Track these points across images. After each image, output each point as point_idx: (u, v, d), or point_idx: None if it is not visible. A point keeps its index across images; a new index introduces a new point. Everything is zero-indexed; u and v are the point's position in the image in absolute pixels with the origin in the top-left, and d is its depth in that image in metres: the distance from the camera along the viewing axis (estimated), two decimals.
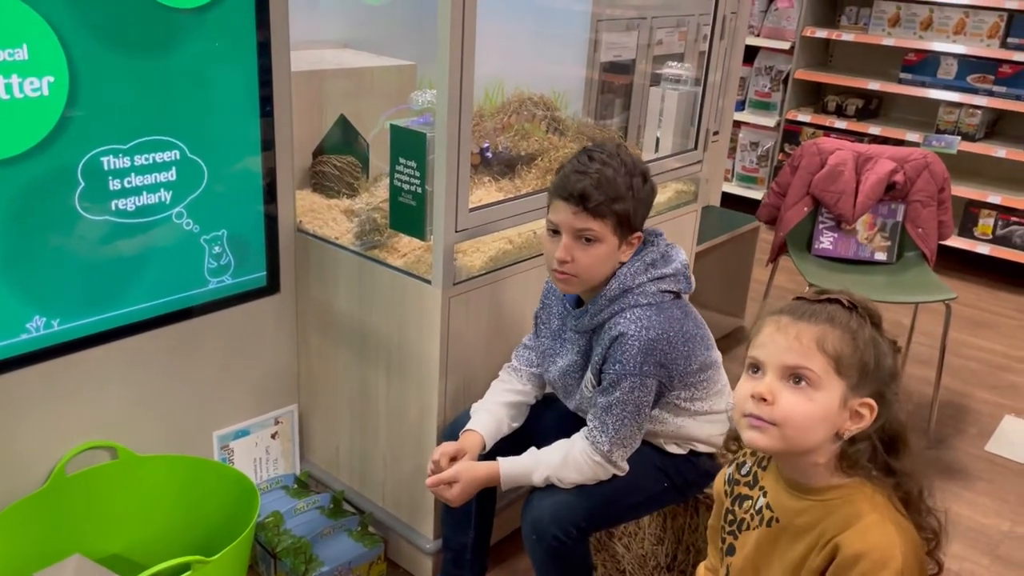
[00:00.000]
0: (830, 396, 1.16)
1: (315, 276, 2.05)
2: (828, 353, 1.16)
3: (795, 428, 1.17)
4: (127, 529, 1.84)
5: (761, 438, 1.19)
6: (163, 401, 1.91)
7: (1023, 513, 2.46)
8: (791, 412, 1.16)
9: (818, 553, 1.18)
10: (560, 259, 1.58)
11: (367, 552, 1.99)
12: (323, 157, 2.22)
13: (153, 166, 1.75)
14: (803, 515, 1.23)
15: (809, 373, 1.16)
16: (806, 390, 1.16)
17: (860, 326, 1.18)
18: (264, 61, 1.87)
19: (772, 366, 1.18)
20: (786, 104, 4.61)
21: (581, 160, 1.59)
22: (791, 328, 1.18)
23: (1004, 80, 4.01)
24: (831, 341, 1.16)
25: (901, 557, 1.13)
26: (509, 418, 1.78)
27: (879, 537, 1.15)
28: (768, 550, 1.27)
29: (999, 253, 4.09)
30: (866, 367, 1.17)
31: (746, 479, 1.35)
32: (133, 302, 1.80)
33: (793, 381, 1.17)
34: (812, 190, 2.94)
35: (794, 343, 1.17)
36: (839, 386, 1.16)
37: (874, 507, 1.18)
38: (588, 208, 1.55)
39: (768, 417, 1.17)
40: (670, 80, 2.49)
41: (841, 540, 1.16)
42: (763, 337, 1.21)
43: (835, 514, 1.19)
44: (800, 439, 1.18)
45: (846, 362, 1.16)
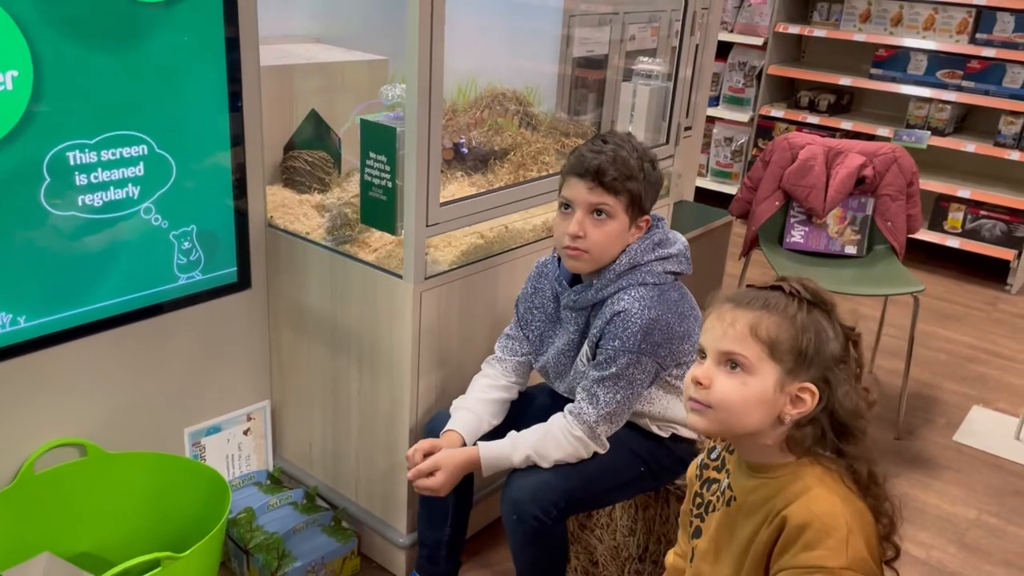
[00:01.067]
0: (764, 381, 1.18)
1: (286, 272, 2.05)
2: (761, 339, 1.18)
3: (728, 411, 1.20)
4: (97, 527, 1.82)
5: (700, 420, 1.23)
6: (133, 398, 1.90)
7: (990, 502, 2.50)
8: (724, 396, 1.20)
9: (767, 527, 1.21)
10: (573, 233, 1.62)
11: (340, 547, 1.99)
12: (294, 152, 2.21)
13: (120, 161, 1.73)
14: (755, 492, 1.25)
15: (742, 359, 1.19)
16: (740, 375, 1.19)
17: (798, 311, 1.20)
18: (233, 56, 1.86)
19: (711, 352, 1.22)
20: (759, 100, 4.64)
21: (595, 142, 1.66)
22: (728, 315, 1.21)
23: (973, 75, 4.06)
24: (764, 327, 1.18)
25: (845, 526, 1.15)
26: (490, 415, 1.79)
27: (823, 507, 1.17)
28: (726, 531, 1.30)
29: (968, 246, 4.15)
30: (803, 352, 1.18)
31: (715, 463, 1.38)
32: (102, 298, 1.78)
33: (729, 366, 1.20)
34: (783, 185, 2.97)
35: (729, 329, 1.20)
36: (773, 371, 1.18)
37: (821, 482, 1.20)
38: (603, 183, 1.60)
39: (704, 400, 1.21)
40: (642, 75, 2.50)
41: (788, 512, 1.18)
42: (706, 324, 1.25)
43: (784, 490, 1.21)
44: (735, 422, 1.21)
45: (781, 347, 1.18)
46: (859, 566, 1.14)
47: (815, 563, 1.14)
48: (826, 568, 1.13)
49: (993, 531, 2.38)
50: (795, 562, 1.15)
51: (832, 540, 1.14)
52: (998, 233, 4.11)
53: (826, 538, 1.14)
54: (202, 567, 1.65)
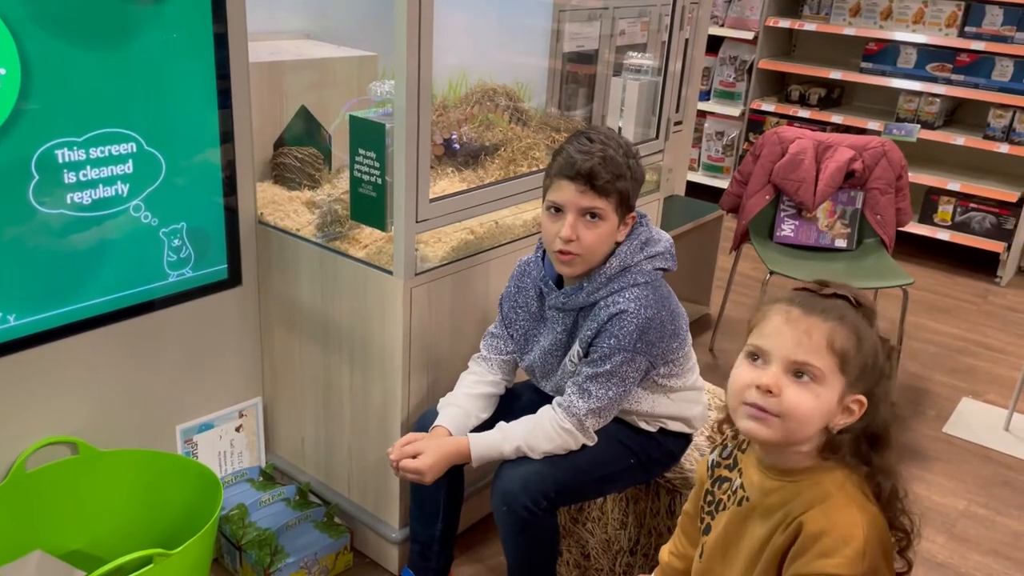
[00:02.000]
0: (831, 393, 1.17)
1: (277, 268, 2.05)
2: (836, 352, 1.16)
3: (797, 421, 1.18)
4: (89, 524, 1.82)
5: (762, 429, 1.19)
6: (125, 395, 1.90)
7: (979, 493, 2.52)
8: (796, 406, 1.17)
9: (782, 532, 1.20)
10: (566, 237, 1.61)
11: (333, 542, 1.99)
12: (284, 149, 2.21)
13: (109, 159, 1.73)
14: (773, 495, 1.24)
15: (815, 370, 1.16)
16: (810, 385, 1.17)
17: (866, 328, 1.19)
18: (222, 53, 1.86)
19: (778, 358, 1.18)
20: (750, 94, 4.65)
21: (581, 142, 1.63)
22: (802, 322, 1.18)
23: (962, 68, 4.08)
24: (840, 340, 1.17)
25: (863, 536, 1.15)
26: (477, 409, 1.79)
27: (842, 516, 1.17)
28: (736, 530, 1.29)
29: (958, 239, 4.17)
30: (866, 367, 1.18)
31: (727, 461, 1.37)
32: (92, 296, 1.78)
33: (796, 375, 1.18)
34: (773, 178, 2.98)
35: (804, 338, 1.17)
36: (840, 383, 1.17)
37: (841, 488, 1.20)
38: (595, 186, 1.59)
39: (773, 409, 1.18)
40: (631, 70, 2.51)
41: (805, 518, 1.17)
42: (770, 327, 1.20)
43: (803, 495, 1.20)
44: (799, 432, 1.19)
45: (851, 362, 1.17)
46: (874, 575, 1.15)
47: (831, 571, 1.14)
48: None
49: (982, 521, 2.40)
50: (810, 569, 1.15)
51: (849, 549, 1.14)
52: (988, 226, 4.13)
53: (843, 547, 1.14)
54: (194, 564, 1.65)
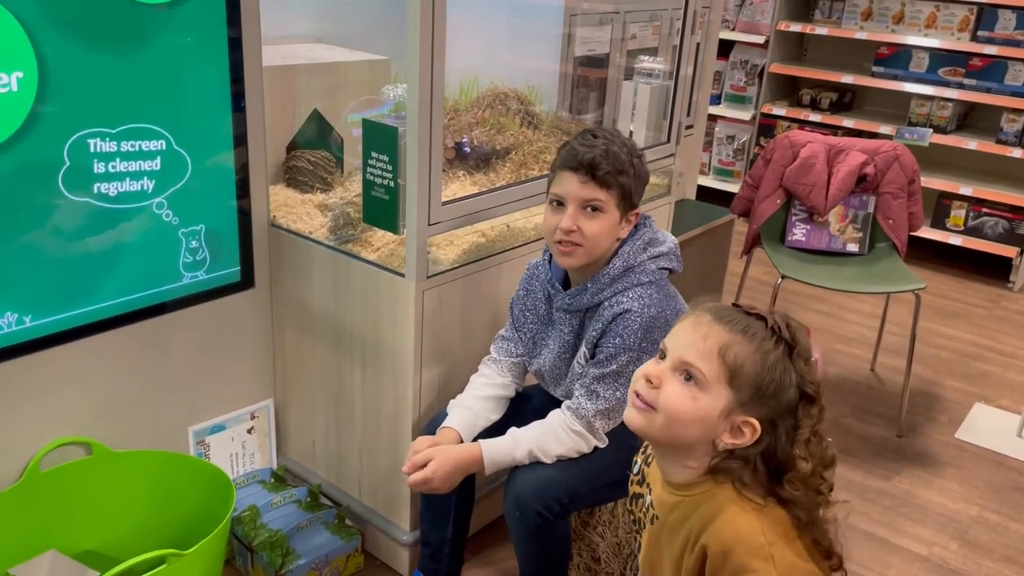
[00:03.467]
0: (713, 402, 1.16)
1: (289, 271, 2.06)
2: (727, 362, 1.15)
3: (669, 419, 1.17)
4: (102, 525, 1.84)
5: (638, 418, 1.20)
6: (138, 396, 1.91)
7: (991, 499, 2.51)
8: (670, 402, 1.17)
9: (690, 553, 1.19)
10: (566, 228, 1.62)
11: (344, 544, 2.00)
12: (296, 152, 2.22)
13: (139, 153, 1.74)
14: (675, 511, 1.24)
15: (699, 373, 1.16)
16: (692, 388, 1.16)
17: (773, 349, 1.16)
18: (235, 56, 1.87)
19: (672, 356, 1.19)
20: (761, 98, 4.64)
21: (585, 137, 1.65)
22: (704, 326, 1.18)
23: (975, 73, 4.06)
24: (734, 352, 1.15)
25: (765, 541, 1.14)
26: (487, 411, 1.80)
27: (739, 527, 1.15)
28: (653, 548, 1.29)
29: (970, 244, 4.15)
30: (762, 389, 1.15)
31: (637, 477, 1.37)
32: (107, 297, 1.80)
33: (684, 376, 1.17)
34: (785, 183, 2.98)
35: (699, 341, 1.17)
36: (726, 396, 1.15)
37: (732, 500, 1.18)
38: (596, 177, 1.61)
39: (650, 400, 1.18)
40: (643, 74, 2.51)
41: (705, 540, 1.16)
42: (678, 327, 1.22)
43: (698, 510, 1.19)
44: (672, 431, 1.18)
45: (743, 377, 1.15)
46: (792, 573, 1.14)
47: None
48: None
49: (995, 528, 2.39)
50: None
51: (757, 560, 1.13)
52: (1000, 231, 4.11)
53: (751, 559, 1.13)
54: (206, 564, 1.66)
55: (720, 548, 1.15)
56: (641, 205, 1.72)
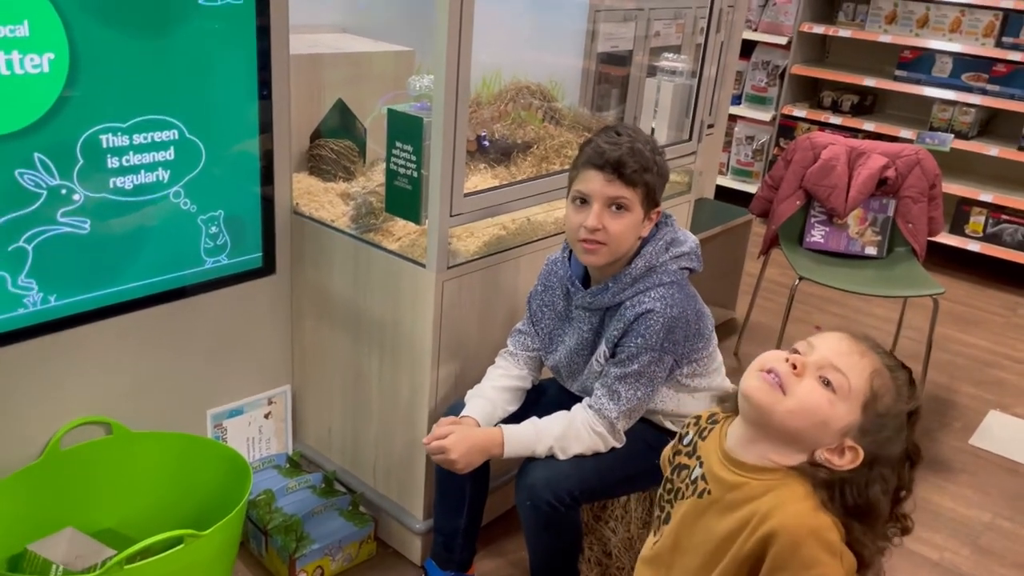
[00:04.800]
0: (843, 415, 1.17)
1: (310, 258, 2.07)
2: (872, 386, 1.17)
3: (799, 408, 1.17)
4: (120, 504, 1.86)
5: (765, 393, 1.19)
6: (158, 378, 1.93)
7: (1004, 505, 2.50)
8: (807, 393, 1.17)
9: (750, 536, 1.18)
10: (592, 226, 1.61)
11: (357, 531, 2.02)
12: (320, 141, 2.23)
13: (152, 145, 1.76)
14: (735, 490, 1.23)
15: (844, 382, 1.17)
16: (828, 391, 1.17)
17: (908, 400, 1.19)
18: (263, 44, 1.88)
19: (819, 354, 1.20)
20: (782, 99, 4.63)
21: (608, 135, 1.64)
22: (861, 345, 1.20)
23: (998, 79, 4.03)
24: (882, 380, 1.18)
25: (837, 538, 1.15)
26: (504, 402, 1.80)
27: (814, 521, 1.15)
28: (691, 521, 1.28)
29: (989, 251, 4.13)
30: (885, 428, 1.17)
31: (687, 448, 1.36)
32: (130, 280, 1.82)
33: (823, 382, 1.18)
34: (805, 184, 2.97)
35: (855, 355, 1.19)
36: (854, 416, 1.17)
37: (810, 496, 1.18)
38: (623, 176, 1.60)
39: (786, 382, 1.19)
40: (666, 72, 2.51)
41: (776, 527, 1.15)
42: (828, 336, 1.23)
43: (768, 495, 1.19)
44: (792, 421, 1.18)
45: (877, 407, 1.17)
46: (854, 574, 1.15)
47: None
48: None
49: (1007, 535, 2.38)
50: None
51: (828, 555, 1.14)
52: (1020, 238, 4.08)
53: (822, 553, 1.14)
54: (223, 546, 1.68)
55: (792, 538, 1.14)
56: (662, 203, 1.72)
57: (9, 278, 1.64)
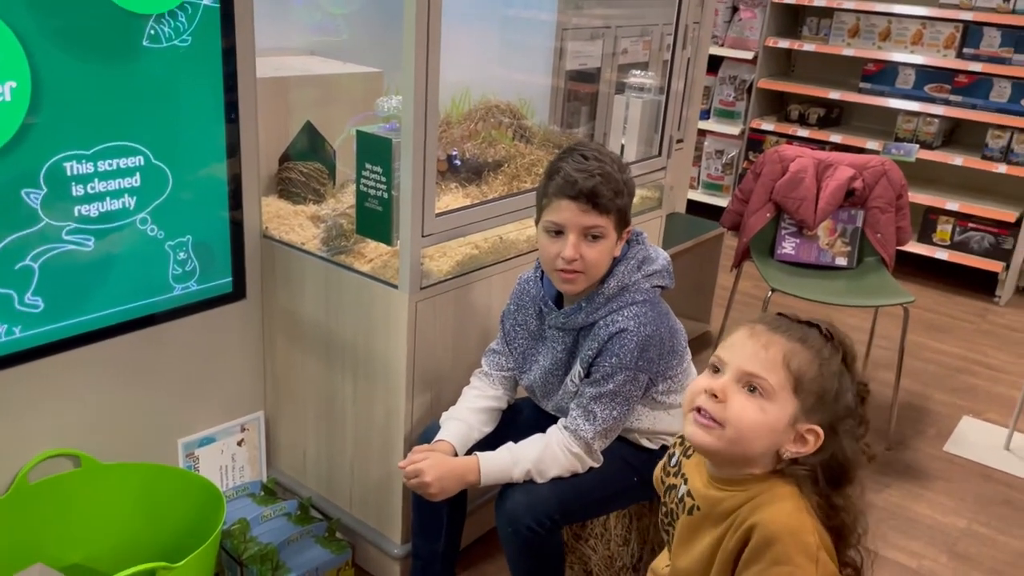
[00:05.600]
0: (780, 412, 1.16)
1: (281, 282, 2.05)
2: (791, 370, 1.16)
3: (738, 432, 1.17)
4: (91, 537, 1.82)
5: (704, 436, 1.19)
6: (127, 408, 1.90)
7: (980, 511, 2.52)
8: (740, 417, 1.17)
9: (733, 534, 1.18)
10: (570, 257, 1.60)
11: (335, 558, 1.99)
12: (289, 163, 2.22)
13: (117, 172, 1.74)
14: (724, 503, 1.23)
15: (765, 384, 1.16)
16: (758, 399, 1.17)
17: (831, 355, 1.18)
18: (229, 67, 1.87)
19: (732, 368, 1.19)
20: (750, 113, 4.68)
21: (576, 160, 1.61)
22: (762, 336, 1.19)
23: (960, 89, 4.11)
24: (798, 360, 1.16)
25: (815, 542, 1.14)
26: (480, 423, 1.79)
27: (794, 521, 1.15)
28: (688, 536, 1.28)
29: (957, 259, 4.19)
30: (824, 395, 1.17)
31: (673, 469, 1.37)
32: (97, 309, 1.78)
33: (748, 388, 1.18)
34: (774, 196, 3.00)
35: (761, 351, 1.17)
36: (792, 405, 1.17)
37: (791, 496, 1.18)
38: (598, 205, 1.59)
39: (716, 415, 1.18)
40: (634, 88, 2.53)
41: (757, 520, 1.16)
42: (732, 339, 1.22)
43: (752, 500, 1.19)
44: (741, 445, 1.18)
45: (807, 385, 1.16)
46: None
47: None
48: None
49: (983, 540, 2.40)
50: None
51: (801, 557, 1.13)
52: (986, 245, 4.15)
53: (796, 554, 1.13)
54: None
55: (767, 533, 1.14)
56: (633, 219, 1.73)
57: None
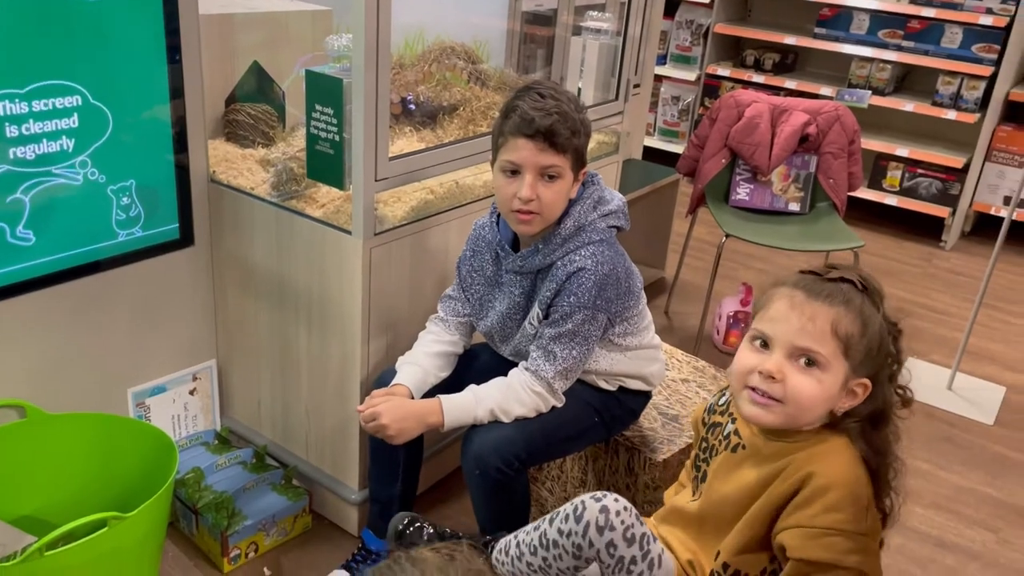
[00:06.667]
0: (835, 378, 1.18)
1: (230, 228, 2.00)
2: (840, 337, 1.17)
3: (800, 407, 1.18)
4: (40, 489, 1.78)
5: (765, 415, 1.20)
6: (74, 358, 1.85)
7: (922, 449, 2.60)
8: (799, 393, 1.18)
9: (785, 480, 1.20)
10: (526, 197, 1.58)
11: (292, 505, 1.98)
12: (236, 105, 2.15)
13: (53, 112, 1.66)
14: (772, 447, 1.25)
15: (819, 357, 1.17)
16: (815, 372, 1.18)
17: (872, 312, 1.19)
18: (171, 5, 1.79)
19: (782, 344, 1.19)
20: (706, 58, 4.66)
21: (533, 98, 1.58)
22: (806, 307, 1.18)
23: (913, 35, 4.13)
24: (844, 325, 1.17)
25: (867, 496, 1.17)
26: (436, 368, 1.79)
27: (851, 473, 1.18)
28: (724, 474, 1.30)
29: (906, 204, 4.26)
30: (870, 351, 1.18)
31: (722, 408, 1.38)
32: (38, 255, 1.72)
33: (803, 362, 1.18)
34: (729, 142, 3.00)
35: (808, 324, 1.17)
36: (844, 368, 1.18)
37: (848, 448, 1.21)
38: (555, 144, 1.57)
39: (776, 395, 1.19)
40: (591, 31, 2.49)
41: (816, 469, 1.17)
42: (773, 312, 1.21)
43: (807, 449, 1.21)
44: (802, 417, 1.20)
45: (855, 346, 1.17)
46: (874, 536, 1.17)
47: (837, 526, 1.15)
48: (847, 532, 1.14)
49: (925, 476, 2.48)
50: (818, 522, 1.16)
51: (855, 508, 1.16)
52: (934, 191, 4.22)
53: (850, 504, 1.15)
54: (149, 528, 1.63)
55: (825, 482, 1.16)
56: (590, 164, 1.71)
57: None
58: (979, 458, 2.59)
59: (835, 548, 1.15)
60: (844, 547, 1.14)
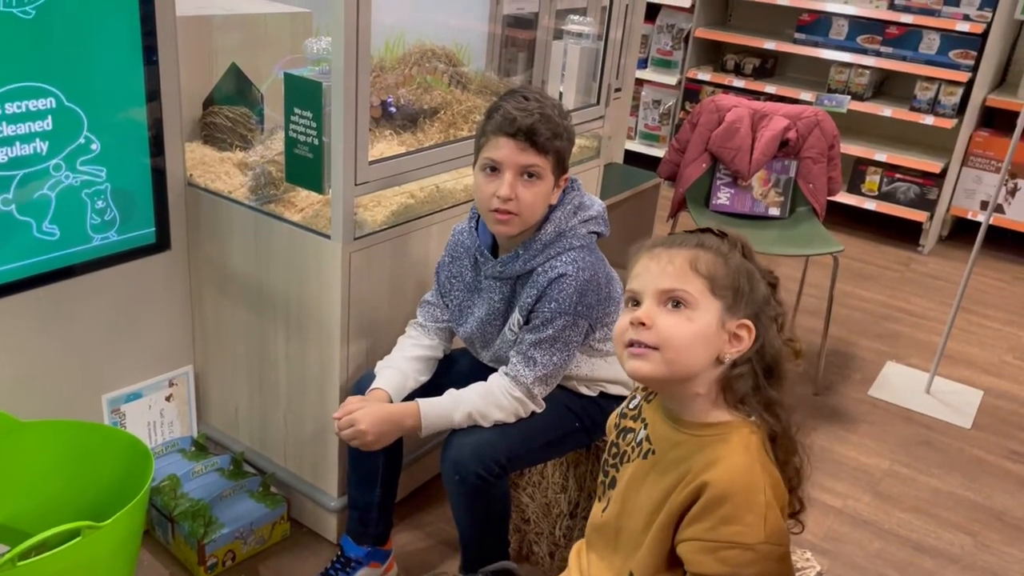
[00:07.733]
0: (707, 316, 1.17)
1: (208, 232, 1.98)
2: (701, 273, 1.17)
3: (676, 350, 1.16)
4: (12, 498, 1.75)
5: (644, 365, 1.18)
6: (47, 364, 1.82)
7: (901, 452, 2.62)
8: (671, 333, 1.16)
9: (683, 490, 1.18)
10: (505, 196, 1.58)
11: (269, 512, 1.96)
12: (214, 108, 2.13)
13: (26, 114, 1.64)
14: (677, 448, 1.23)
15: (685, 295, 1.17)
16: (683, 311, 1.17)
17: (730, 251, 1.21)
18: (147, 6, 1.77)
19: (649, 293, 1.19)
20: (687, 62, 4.67)
21: (516, 99, 1.60)
22: (663, 255, 1.20)
23: (891, 41, 4.17)
24: (703, 262, 1.18)
25: (764, 500, 1.14)
26: (416, 372, 1.77)
27: (745, 479, 1.15)
28: (637, 484, 1.28)
29: (884, 209, 4.29)
30: (740, 289, 1.19)
31: (632, 412, 1.37)
32: (11, 260, 1.70)
33: (670, 304, 1.18)
34: (710, 147, 3.01)
35: (667, 267, 1.18)
36: (715, 306, 1.17)
37: (746, 448, 1.18)
38: (536, 144, 1.57)
39: (649, 341, 1.17)
40: (572, 35, 2.49)
41: (709, 478, 1.15)
42: (636, 269, 1.22)
43: (705, 450, 1.19)
44: (682, 361, 1.17)
45: (720, 282, 1.18)
46: (775, 539, 1.14)
47: (733, 539, 1.13)
48: (743, 544, 1.12)
49: (904, 480, 2.50)
50: (712, 535, 1.14)
51: (752, 515, 1.13)
52: (912, 196, 4.26)
53: (746, 513, 1.13)
54: (124, 536, 1.60)
55: (718, 492, 1.14)
56: (571, 169, 1.71)
57: None
58: (957, 461, 2.60)
59: (731, 562, 1.13)
60: (741, 559, 1.13)
